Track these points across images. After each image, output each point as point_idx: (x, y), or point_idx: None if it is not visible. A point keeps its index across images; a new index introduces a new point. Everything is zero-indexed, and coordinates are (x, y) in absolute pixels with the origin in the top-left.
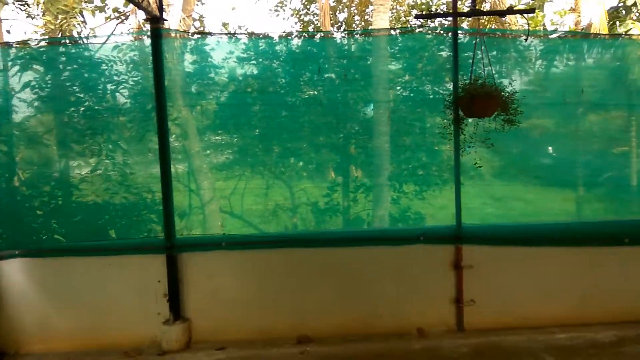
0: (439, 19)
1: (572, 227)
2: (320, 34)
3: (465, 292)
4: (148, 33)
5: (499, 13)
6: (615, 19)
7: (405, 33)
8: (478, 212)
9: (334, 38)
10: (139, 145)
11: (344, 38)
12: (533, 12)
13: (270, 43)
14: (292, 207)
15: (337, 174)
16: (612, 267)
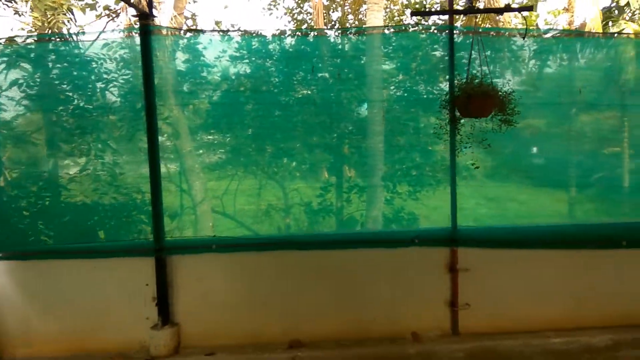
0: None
1: (568, 229)
2: (314, 33)
3: (461, 295)
4: (137, 30)
5: (496, 10)
6: (608, 19)
7: (400, 31)
8: (471, 212)
9: (328, 37)
10: (129, 145)
11: (338, 37)
12: (531, 9)
13: (264, 42)
14: (285, 207)
15: (330, 174)
16: (608, 270)
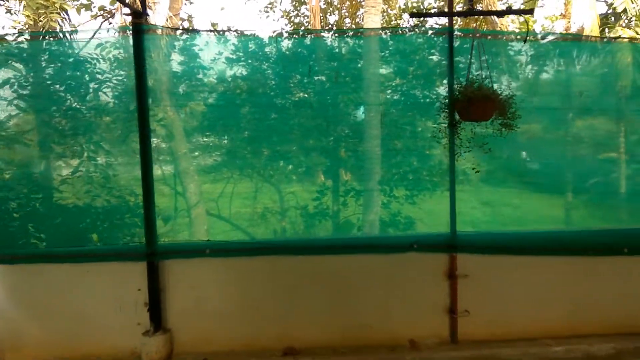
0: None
1: (568, 235)
2: (311, 36)
3: (460, 302)
4: (129, 28)
5: (497, 13)
6: (605, 26)
7: (398, 34)
8: (467, 217)
9: (325, 40)
10: (123, 146)
11: (335, 40)
12: (532, 12)
13: (260, 44)
14: (281, 210)
15: (326, 178)
16: (609, 276)
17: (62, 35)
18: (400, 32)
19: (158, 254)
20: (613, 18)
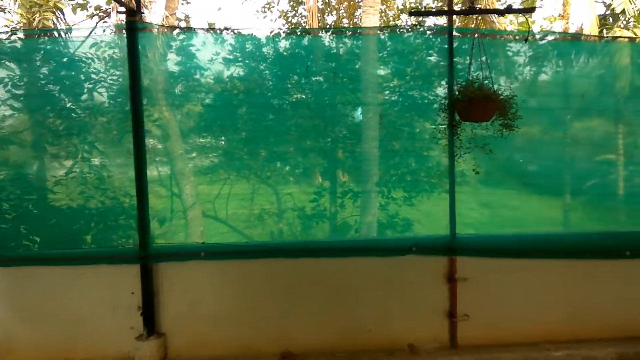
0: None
1: (569, 238)
2: (309, 36)
3: (459, 306)
4: (123, 26)
5: (498, 11)
6: (603, 27)
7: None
8: (465, 218)
9: (323, 40)
10: (118, 147)
11: (333, 40)
12: (533, 10)
13: (257, 44)
14: (278, 212)
15: (324, 179)
16: (610, 280)
17: (57, 34)
18: (399, 31)
19: (152, 257)
20: (611, 19)
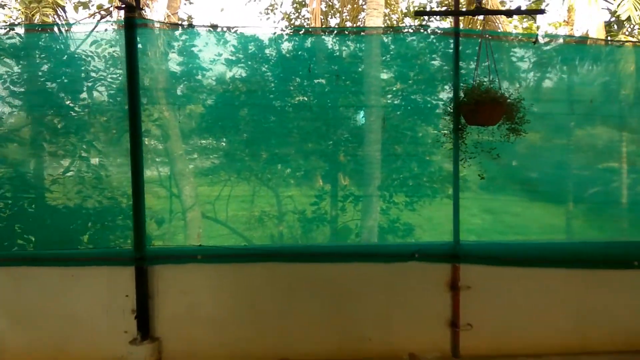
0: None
1: (576, 247)
2: (312, 38)
3: (462, 315)
4: (121, 22)
5: (506, 12)
6: (608, 34)
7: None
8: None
9: (326, 42)
10: (117, 147)
11: (336, 42)
12: (543, 12)
13: (260, 46)
14: (278, 214)
15: (325, 182)
16: (619, 290)
17: (57, 30)
18: (404, 32)
19: (147, 259)
20: (616, 26)
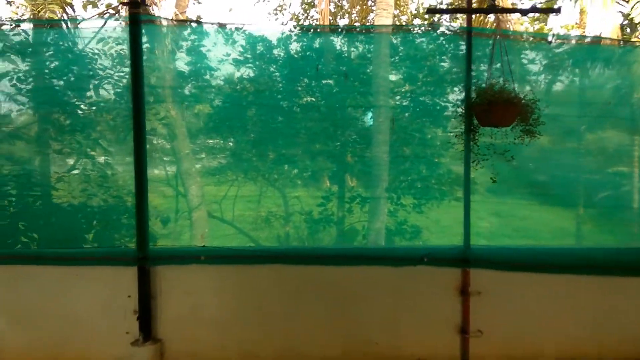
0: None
1: (591, 253)
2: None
3: (472, 321)
4: (126, 18)
5: (521, 11)
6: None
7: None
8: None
9: (334, 42)
10: (123, 145)
11: (344, 44)
12: (558, 11)
13: (268, 46)
14: (285, 215)
15: (332, 183)
16: (633, 297)
17: (65, 26)
18: (416, 30)
19: (150, 259)
20: (629, 29)
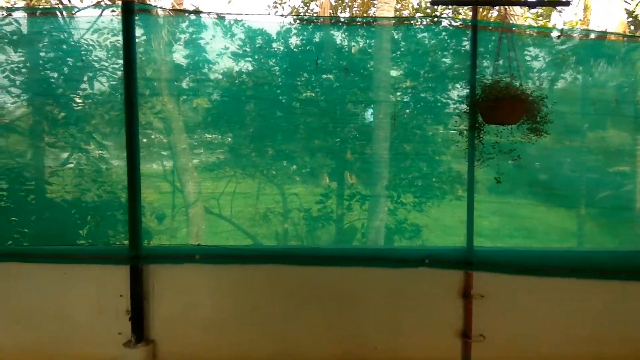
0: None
1: (601, 256)
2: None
3: (474, 325)
4: (119, 6)
5: (529, 4)
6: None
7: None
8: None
9: (334, 36)
10: (118, 139)
11: (345, 38)
12: (568, 4)
13: (268, 39)
14: (283, 212)
15: (331, 180)
16: None
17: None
18: (417, 24)
19: (142, 258)
20: (633, 27)
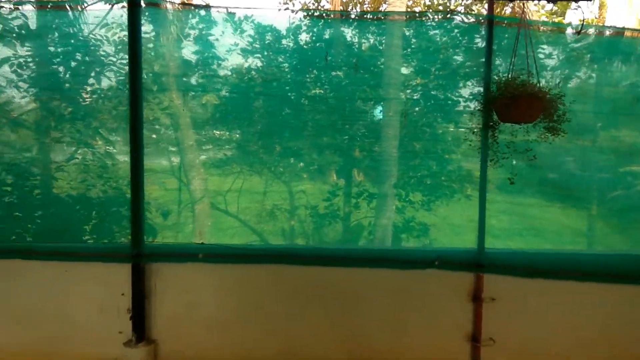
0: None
1: (615, 259)
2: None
3: (484, 329)
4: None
5: None
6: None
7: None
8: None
9: (345, 33)
10: (124, 135)
11: (355, 35)
12: None
13: (277, 36)
14: (290, 209)
15: (339, 177)
16: None
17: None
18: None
19: (144, 256)
20: None
